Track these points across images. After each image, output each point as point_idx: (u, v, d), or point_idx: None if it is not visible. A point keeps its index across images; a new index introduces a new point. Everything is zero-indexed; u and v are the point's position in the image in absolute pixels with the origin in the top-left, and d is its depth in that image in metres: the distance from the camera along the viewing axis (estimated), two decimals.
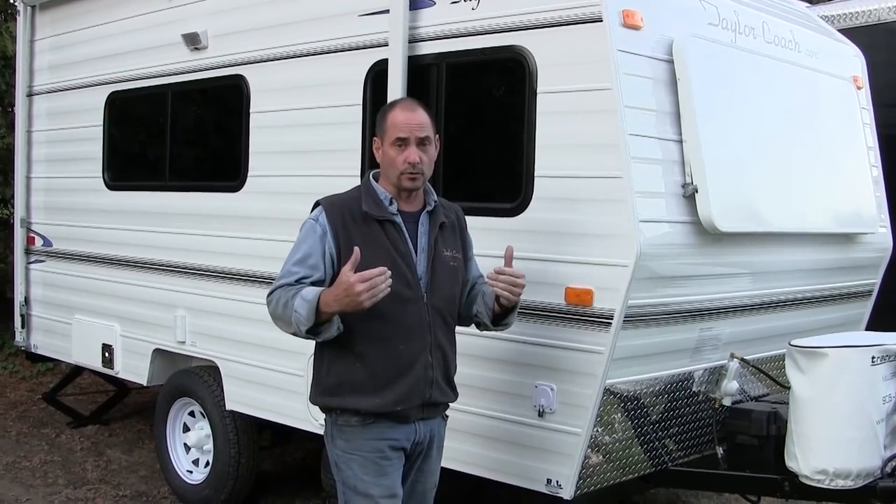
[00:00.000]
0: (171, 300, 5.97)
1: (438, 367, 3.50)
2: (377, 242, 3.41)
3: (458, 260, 3.62)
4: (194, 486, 5.94)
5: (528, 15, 4.15)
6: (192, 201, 5.90)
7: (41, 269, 7.29)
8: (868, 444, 4.00)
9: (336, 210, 3.47)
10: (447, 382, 3.57)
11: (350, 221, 3.44)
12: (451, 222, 3.63)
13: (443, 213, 3.59)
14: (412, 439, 3.51)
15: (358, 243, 3.32)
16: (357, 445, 3.46)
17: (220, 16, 5.69)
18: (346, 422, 3.47)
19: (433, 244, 3.51)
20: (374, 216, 3.44)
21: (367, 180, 3.58)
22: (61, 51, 7.07)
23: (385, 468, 3.45)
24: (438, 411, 3.62)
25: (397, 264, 3.38)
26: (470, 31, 4.37)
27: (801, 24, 5.12)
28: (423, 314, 3.45)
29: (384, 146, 3.49)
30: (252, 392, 5.46)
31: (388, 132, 3.46)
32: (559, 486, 4.07)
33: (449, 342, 3.57)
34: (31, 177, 7.41)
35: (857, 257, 5.22)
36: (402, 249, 3.44)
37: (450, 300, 3.57)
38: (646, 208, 3.88)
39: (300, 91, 5.21)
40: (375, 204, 3.47)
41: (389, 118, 3.48)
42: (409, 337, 3.43)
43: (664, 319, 4.11)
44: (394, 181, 3.47)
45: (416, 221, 3.53)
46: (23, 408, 8.42)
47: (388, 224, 3.46)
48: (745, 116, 4.48)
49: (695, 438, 4.55)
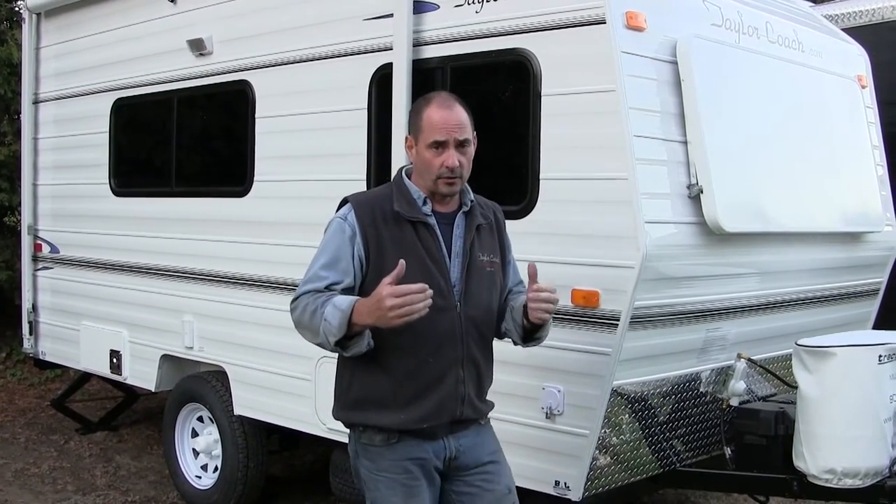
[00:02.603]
0: (178, 306, 5.99)
1: (471, 382, 3.22)
2: (408, 246, 3.13)
3: (496, 265, 3.31)
4: (203, 491, 5.95)
5: (531, 17, 4.16)
6: (198, 207, 5.91)
7: (49, 275, 7.31)
8: (876, 442, 4.00)
9: (365, 209, 3.18)
10: (480, 398, 3.29)
11: (380, 221, 3.16)
12: (489, 223, 3.33)
13: (480, 214, 3.28)
14: (443, 456, 3.23)
15: (387, 246, 3.12)
16: (383, 467, 3.20)
17: (224, 21, 5.71)
18: (370, 440, 3.22)
19: (468, 248, 3.22)
20: (406, 217, 3.16)
21: (400, 177, 3.28)
22: (67, 58, 7.09)
23: (414, 489, 3.19)
24: (471, 423, 3.31)
25: (429, 270, 3.12)
26: (474, 35, 4.38)
27: (805, 23, 5.12)
28: (455, 325, 3.17)
29: (418, 146, 3.18)
30: (260, 397, 5.47)
31: (424, 132, 3.15)
32: (567, 487, 4.07)
33: (484, 356, 3.28)
34: (37, 184, 7.43)
35: (863, 256, 5.22)
36: (435, 254, 3.16)
37: (486, 309, 3.28)
38: (651, 209, 3.89)
39: (305, 95, 5.22)
40: (408, 203, 3.18)
41: (425, 117, 3.16)
42: (440, 349, 3.15)
43: (671, 320, 4.12)
44: (430, 185, 3.18)
45: (451, 223, 3.24)
46: (31, 414, 8.44)
47: (420, 226, 3.17)
48: (750, 117, 4.48)
49: (703, 439, 4.55)
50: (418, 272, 3.08)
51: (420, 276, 3.07)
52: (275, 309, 5.29)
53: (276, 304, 5.28)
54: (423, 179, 3.21)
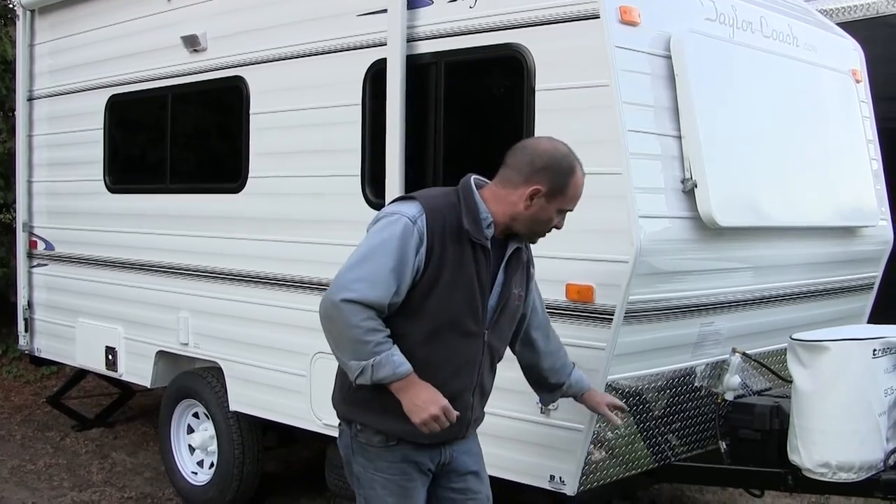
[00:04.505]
0: (173, 302, 5.98)
1: (478, 405, 3.31)
2: (465, 268, 3.08)
3: (521, 298, 3.34)
4: (199, 487, 5.95)
5: (525, 12, 4.15)
6: (193, 203, 5.91)
7: (44, 272, 7.30)
8: (870, 436, 4.01)
9: (437, 217, 3.07)
10: (478, 421, 3.40)
11: (448, 235, 3.07)
12: (528, 259, 3.39)
13: (523, 249, 3.32)
14: (438, 460, 3.30)
15: (447, 263, 3.05)
16: (380, 467, 3.22)
17: (218, 17, 5.70)
18: (368, 440, 3.22)
19: (509, 280, 3.24)
20: (471, 237, 3.09)
21: (470, 188, 3.18)
22: (61, 55, 7.08)
23: (409, 490, 3.24)
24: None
25: (475, 296, 3.11)
26: (468, 30, 4.38)
27: (800, 18, 5.12)
28: (478, 352, 3.19)
29: (547, 203, 3.15)
30: (255, 393, 5.47)
31: (565, 198, 3.18)
32: (562, 482, 4.07)
33: (490, 384, 3.36)
34: (32, 181, 7.42)
35: (857, 250, 5.22)
36: (483, 280, 3.13)
37: (504, 340, 3.36)
38: (645, 204, 3.89)
39: (299, 92, 5.22)
40: (475, 223, 3.10)
41: (572, 185, 3.18)
42: (458, 372, 3.17)
43: (665, 315, 4.12)
44: (523, 231, 3.20)
45: (502, 250, 3.22)
46: (27, 411, 8.43)
47: (479, 249, 3.11)
48: (744, 111, 4.48)
49: (697, 433, 4.55)
50: (466, 294, 3.10)
51: (466, 298, 3.10)
52: (270, 305, 5.30)
53: (272, 300, 5.29)
54: (517, 223, 3.18)
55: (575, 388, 3.66)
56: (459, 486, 3.37)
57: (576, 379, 3.66)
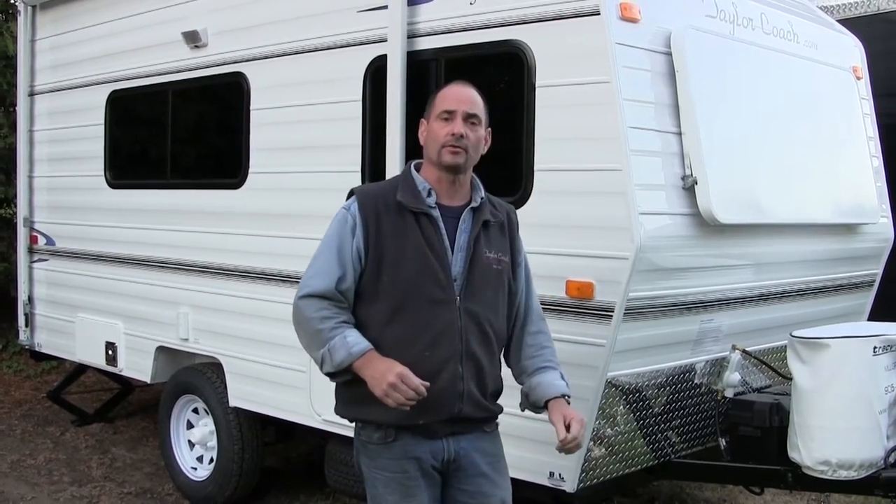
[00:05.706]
0: (173, 297, 5.99)
1: (471, 378, 3.16)
2: (408, 236, 3.13)
3: (504, 264, 3.28)
4: (199, 482, 5.96)
5: (526, 9, 4.15)
6: (193, 199, 5.91)
7: (44, 267, 7.31)
8: (870, 434, 4.01)
9: (369, 199, 3.19)
10: (484, 396, 3.23)
11: (383, 211, 3.15)
12: (499, 222, 3.30)
13: (489, 212, 3.26)
14: (441, 457, 3.20)
15: (388, 235, 3.12)
16: (380, 465, 3.20)
17: (219, 13, 5.70)
18: (369, 437, 3.21)
19: (473, 243, 3.19)
20: (408, 207, 3.15)
21: (408, 169, 3.30)
22: (62, 50, 7.08)
23: (411, 489, 3.17)
24: (474, 427, 3.26)
25: (429, 262, 3.11)
26: (468, 26, 4.37)
27: (800, 14, 5.11)
28: (454, 319, 3.13)
29: (430, 124, 3.22)
30: (255, 388, 5.48)
31: (436, 107, 3.21)
32: (562, 478, 4.07)
33: (486, 352, 3.22)
34: (33, 176, 7.42)
35: (858, 248, 5.22)
36: (435, 246, 3.14)
37: (489, 307, 3.23)
38: (646, 201, 3.89)
39: (300, 87, 5.22)
40: (412, 194, 3.18)
41: (439, 95, 3.24)
42: (437, 343, 3.11)
43: (665, 311, 4.12)
44: (434, 157, 3.19)
45: (458, 217, 3.22)
46: (27, 406, 8.44)
47: (423, 217, 3.16)
48: (745, 108, 4.48)
49: (697, 430, 4.55)
50: (417, 262, 3.10)
51: (418, 266, 3.10)
52: (270, 300, 5.30)
53: (272, 295, 5.29)
54: (429, 157, 3.23)
55: (534, 397, 3.33)
56: (470, 489, 3.27)
57: (537, 382, 3.32)
